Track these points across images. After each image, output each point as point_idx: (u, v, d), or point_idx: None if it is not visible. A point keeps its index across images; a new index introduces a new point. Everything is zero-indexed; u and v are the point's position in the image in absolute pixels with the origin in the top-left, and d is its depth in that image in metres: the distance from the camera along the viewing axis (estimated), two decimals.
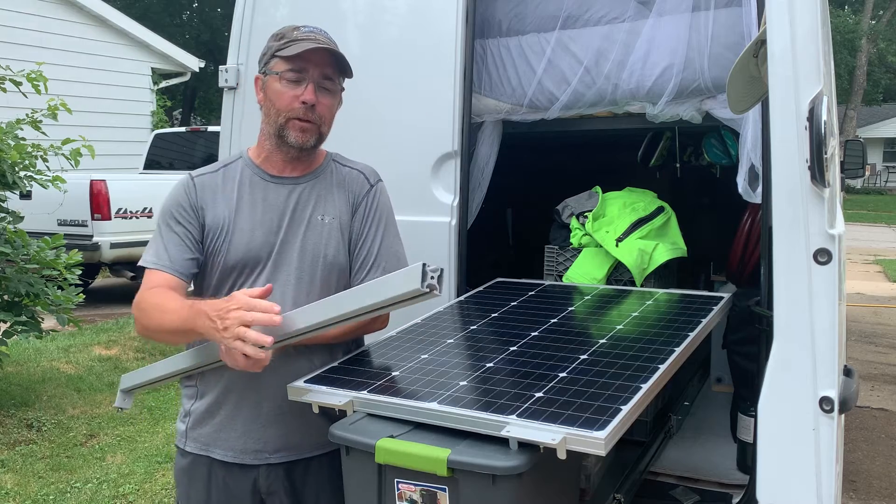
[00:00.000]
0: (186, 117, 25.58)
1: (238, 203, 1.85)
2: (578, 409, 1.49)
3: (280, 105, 1.80)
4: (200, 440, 1.87)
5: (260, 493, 1.86)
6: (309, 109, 1.79)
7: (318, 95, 1.80)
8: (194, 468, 1.89)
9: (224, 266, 1.82)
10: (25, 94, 4.72)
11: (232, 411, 1.83)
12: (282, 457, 1.85)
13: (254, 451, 1.84)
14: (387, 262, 1.91)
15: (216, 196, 1.86)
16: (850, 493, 3.93)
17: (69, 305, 4.68)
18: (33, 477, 3.99)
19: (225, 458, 1.85)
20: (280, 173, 1.89)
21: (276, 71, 1.80)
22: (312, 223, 1.86)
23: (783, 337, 1.74)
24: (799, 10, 1.70)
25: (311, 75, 1.79)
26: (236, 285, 1.83)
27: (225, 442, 1.84)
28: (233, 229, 1.83)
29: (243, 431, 1.83)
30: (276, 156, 1.88)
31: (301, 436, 1.84)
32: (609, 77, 2.53)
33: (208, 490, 1.87)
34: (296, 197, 1.87)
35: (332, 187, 1.92)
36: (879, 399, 5.56)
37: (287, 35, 1.81)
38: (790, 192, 1.71)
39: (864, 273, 11.55)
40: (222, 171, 1.91)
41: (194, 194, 1.85)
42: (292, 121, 1.80)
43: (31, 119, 4.77)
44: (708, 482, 2.46)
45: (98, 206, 7.96)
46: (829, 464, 1.69)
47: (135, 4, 24.60)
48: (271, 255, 1.83)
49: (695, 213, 3.64)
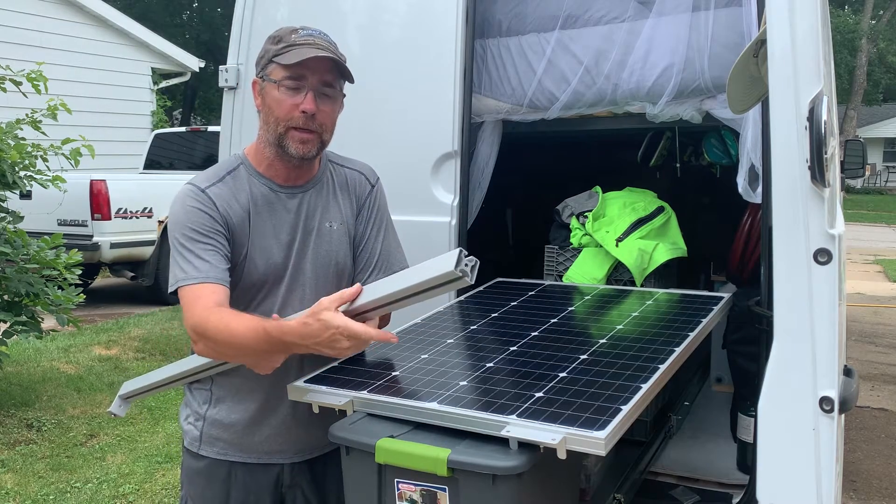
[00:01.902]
0: (186, 117, 25.57)
1: (253, 218, 1.79)
2: (578, 409, 1.49)
3: (279, 113, 1.73)
4: (219, 446, 1.85)
5: (282, 486, 1.87)
6: (309, 119, 1.73)
7: (318, 103, 1.74)
8: (213, 470, 1.86)
9: (245, 283, 1.78)
10: (25, 94, 4.72)
11: (257, 417, 1.82)
12: (304, 455, 1.87)
13: (279, 452, 1.85)
14: (388, 263, 1.91)
15: (231, 208, 1.77)
16: (850, 493, 3.93)
17: (69, 305, 4.68)
18: (33, 477, 3.99)
19: (248, 461, 1.84)
20: (286, 182, 1.84)
21: (275, 79, 1.73)
22: (322, 231, 1.85)
23: (783, 337, 1.74)
24: (799, 10, 1.70)
25: (310, 83, 1.73)
26: (255, 300, 1.79)
27: (248, 447, 1.84)
28: (251, 247, 1.78)
29: (269, 436, 1.83)
30: (279, 164, 1.81)
31: (322, 436, 1.79)
32: (609, 77, 2.53)
33: (227, 490, 1.85)
34: (305, 207, 1.84)
35: (335, 191, 1.90)
36: (879, 399, 5.56)
37: (285, 39, 1.74)
38: (790, 192, 1.71)
39: (864, 273, 11.55)
40: (229, 180, 1.81)
41: (214, 206, 1.74)
42: (292, 131, 1.74)
43: (31, 119, 4.77)
44: (708, 482, 2.46)
45: (98, 206, 7.96)
46: (829, 464, 1.69)
47: (135, 4, 24.61)
48: (288, 269, 1.81)
49: (695, 213, 3.64)
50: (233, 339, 1.60)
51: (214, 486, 1.86)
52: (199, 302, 1.64)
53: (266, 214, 1.80)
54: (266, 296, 1.81)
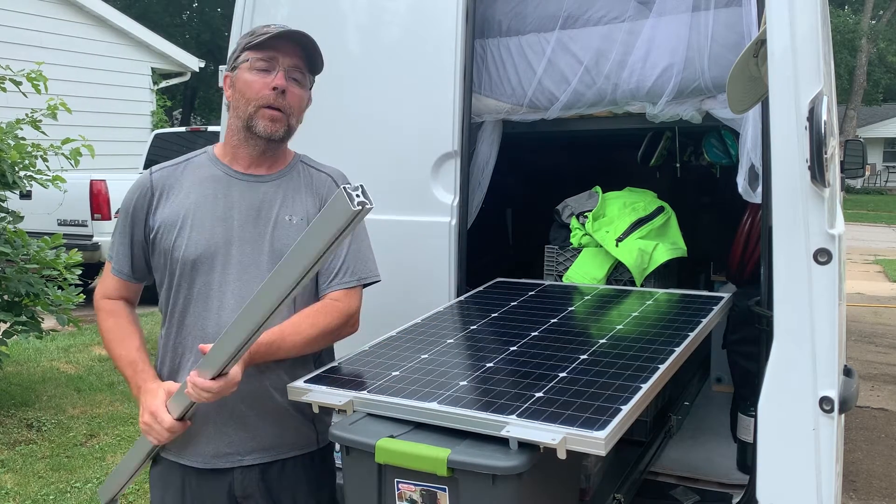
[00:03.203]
0: (186, 117, 25.58)
1: (199, 199, 1.82)
2: (578, 409, 1.49)
3: (250, 94, 1.78)
4: (172, 448, 1.84)
5: (235, 497, 1.83)
6: (280, 95, 1.78)
7: (288, 84, 1.79)
8: (168, 474, 1.86)
9: (183, 261, 1.80)
10: (25, 94, 4.72)
11: (202, 417, 1.79)
12: (255, 458, 1.81)
13: (226, 455, 1.80)
14: (354, 266, 1.86)
15: (174, 190, 1.85)
16: (850, 493, 3.93)
17: (69, 305, 4.68)
18: (33, 477, 3.99)
19: (196, 465, 1.81)
20: (246, 170, 1.86)
21: (247, 59, 1.79)
22: (280, 223, 1.83)
23: (783, 337, 1.74)
24: (799, 10, 1.70)
25: (280, 63, 1.79)
26: (197, 281, 1.80)
27: (196, 447, 1.81)
28: (191, 224, 1.80)
29: (214, 433, 1.80)
30: (243, 151, 1.85)
31: (275, 438, 1.82)
32: (609, 77, 2.53)
33: (182, 497, 1.84)
34: (260, 195, 1.84)
35: (300, 188, 1.89)
36: (879, 399, 5.56)
37: (257, 31, 1.81)
38: (790, 192, 1.71)
39: (864, 273, 11.55)
40: (184, 164, 1.90)
41: (149, 188, 1.86)
42: (262, 109, 1.78)
43: (31, 119, 4.77)
44: (708, 482, 2.46)
45: (98, 206, 7.97)
46: (829, 464, 1.69)
47: (135, 4, 24.61)
48: (232, 252, 1.79)
49: (695, 213, 3.64)
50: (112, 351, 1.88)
51: (171, 492, 1.86)
52: (103, 283, 1.93)
53: (215, 196, 1.83)
54: (209, 277, 1.80)
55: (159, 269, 1.86)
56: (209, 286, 1.79)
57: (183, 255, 1.79)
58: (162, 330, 1.89)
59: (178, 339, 1.84)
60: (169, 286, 1.84)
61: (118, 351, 1.86)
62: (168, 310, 1.86)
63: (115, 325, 1.88)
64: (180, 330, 1.83)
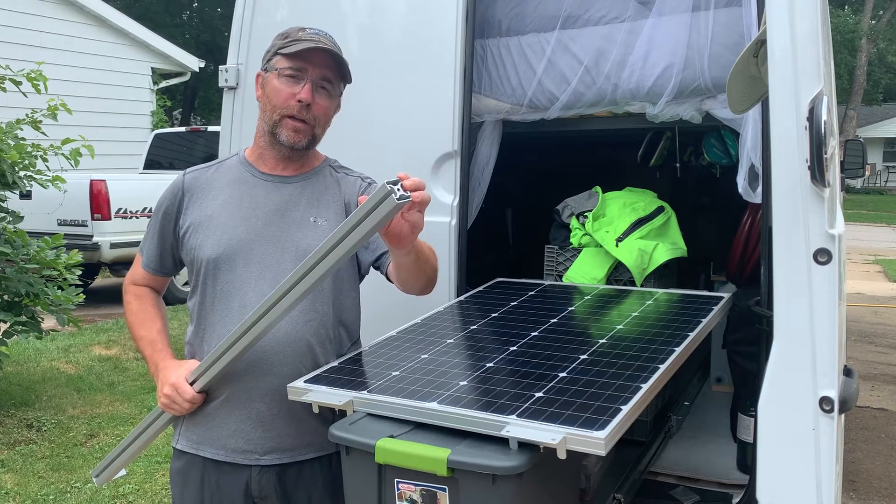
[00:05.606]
0: (186, 117, 25.58)
1: (226, 200, 1.86)
2: (578, 409, 1.49)
3: (276, 101, 1.81)
4: (193, 438, 1.86)
5: (252, 496, 1.84)
6: (304, 108, 1.80)
7: (315, 96, 1.81)
8: (188, 469, 1.88)
9: (207, 260, 1.83)
10: (25, 93, 4.72)
11: (225, 411, 1.82)
12: (273, 459, 1.82)
13: (244, 452, 1.82)
14: None
15: (204, 192, 1.89)
16: (850, 493, 3.93)
17: (69, 305, 4.68)
18: (33, 477, 3.99)
19: (216, 457, 1.83)
20: (272, 171, 1.90)
21: (277, 67, 1.81)
22: (303, 224, 1.85)
23: (783, 337, 1.74)
24: (799, 10, 1.70)
25: (309, 75, 1.80)
26: (220, 279, 1.83)
27: (216, 440, 1.83)
28: (216, 224, 1.84)
29: (235, 430, 1.82)
30: (269, 153, 1.89)
31: (293, 438, 1.83)
32: (609, 77, 2.53)
33: (202, 492, 1.86)
34: (285, 196, 1.87)
35: (326, 190, 1.91)
36: (879, 399, 5.56)
37: (292, 35, 1.82)
38: (790, 192, 1.71)
39: (864, 273, 11.55)
40: (216, 167, 1.95)
41: (181, 193, 1.90)
42: (286, 119, 1.81)
43: (31, 119, 4.77)
44: (708, 482, 2.46)
45: (98, 206, 7.97)
46: (829, 464, 1.69)
47: (135, 4, 24.61)
48: (254, 250, 1.82)
49: (695, 213, 3.64)
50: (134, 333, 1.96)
51: (191, 488, 1.87)
52: (132, 272, 2.01)
53: (240, 196, 1.87)
54: (233, 275, 1.83)
55: (189, 269, 1.91)
56: (231, 284, 1.82)
57: (207, 254, 1.83)
58: (189, 327, 1.93)
59: (204, 336, 1.87)
60: (195, 285, 1.89)
61: (140, 332, 1.93)
62: (195, 308, 1.90)
63: (140, 308, 1.96)
64: (205, 327, 1.87)
